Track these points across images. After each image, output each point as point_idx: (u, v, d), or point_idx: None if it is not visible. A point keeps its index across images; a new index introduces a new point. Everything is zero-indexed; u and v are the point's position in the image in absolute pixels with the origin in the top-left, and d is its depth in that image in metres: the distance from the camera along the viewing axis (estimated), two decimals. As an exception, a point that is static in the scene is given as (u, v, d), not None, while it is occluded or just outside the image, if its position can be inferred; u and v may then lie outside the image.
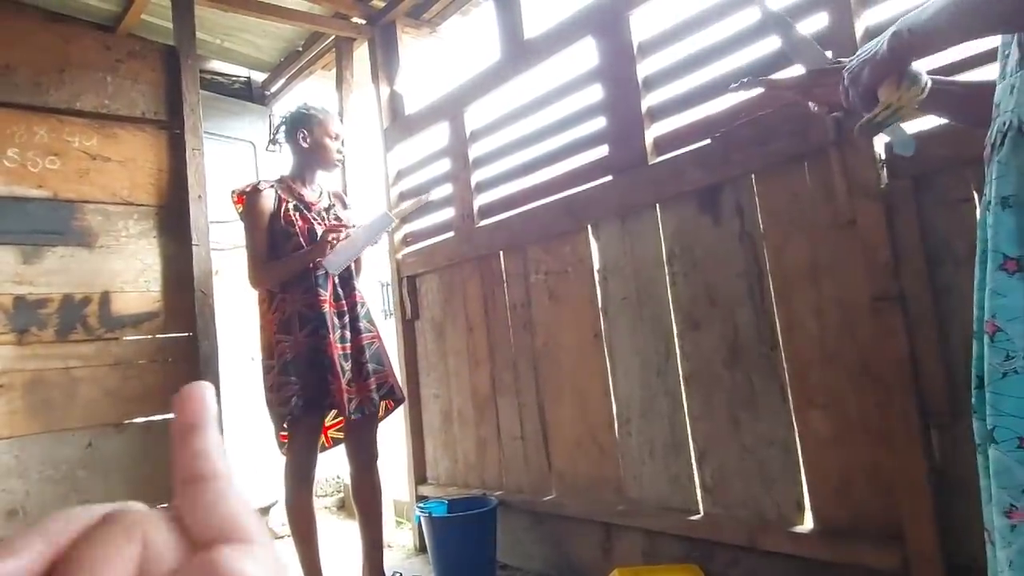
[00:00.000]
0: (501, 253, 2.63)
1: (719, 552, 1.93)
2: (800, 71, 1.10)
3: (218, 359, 2.66)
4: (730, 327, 1.90)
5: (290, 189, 2.36)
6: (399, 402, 2.44)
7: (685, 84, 2.04)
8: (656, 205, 2.08)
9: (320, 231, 2.28)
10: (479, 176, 2.73)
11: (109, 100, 2.57)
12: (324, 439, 2.39)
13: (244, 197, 2.31)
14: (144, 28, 3.21)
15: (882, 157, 1.58)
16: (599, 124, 2.26)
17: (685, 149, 2.01)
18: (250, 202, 2.29)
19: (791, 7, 1.73)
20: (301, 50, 3.78)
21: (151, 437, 2.51)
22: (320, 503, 3.58)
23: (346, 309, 2.31)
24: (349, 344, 2.29)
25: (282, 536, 3.26)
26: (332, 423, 2.41)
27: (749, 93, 1.60)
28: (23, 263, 2.34)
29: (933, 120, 1.46)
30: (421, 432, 3.04)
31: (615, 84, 2.19)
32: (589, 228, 2.29)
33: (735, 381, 1.90)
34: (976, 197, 1.45)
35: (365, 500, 2.32)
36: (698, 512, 1.99)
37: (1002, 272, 0.81)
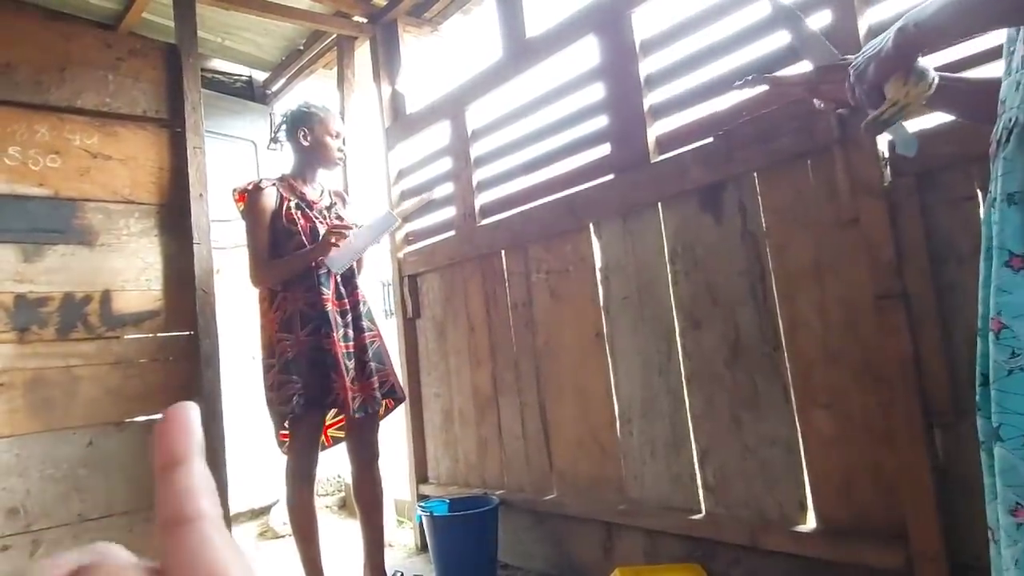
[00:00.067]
0: (503, 252, 2.62)
1: (721, 551, 1.92)
2: (806, 66, 1.09)
3: (219, 358, 2.66)
4: (732, 326, 1.90)
5: (292, 187, 2.35)
6: (400, 401, 2.44)
7: (687, 82, 2.03)
8: (658, 204, 2.08)
9: (322, 230, 2.28)
10: (480, 175, 2.73)
11: (110, 98, 2.57)
12: (324, 438, 2.39)
13: (245, 195, 2.31)
14: (145, 27, 3.22)
15: (885, 155, 1.58)
16: (601, 123, 2.26)
17: (687, 147, 2.00)
18: (251, 200, 2.28)
19: (795, 4, 1.73)
20: (302, 49, 3.78)
21: (152, 436, 2.50)
22: (321, 502, 3.58)
23: (348, 308, 2.31)
24: (352, 343, 2.28)
25: (283, 535, 3.26)
26: (332, 422, 2.41)
27: (753, 91, 1.60)
28: (24, 261, 2.34)
29: (936, 118, 1.46)
30: (422, 431, 3.04)
31: (617, 82, 2.18)
32: (591, 227, 2.29)
33: (737, 380, 1.89)
34: (980, 195, 1.44)
35: (366, 499, 2.32)
36: (700, 511, 1.99)
37: (1008, 269, 0.80)
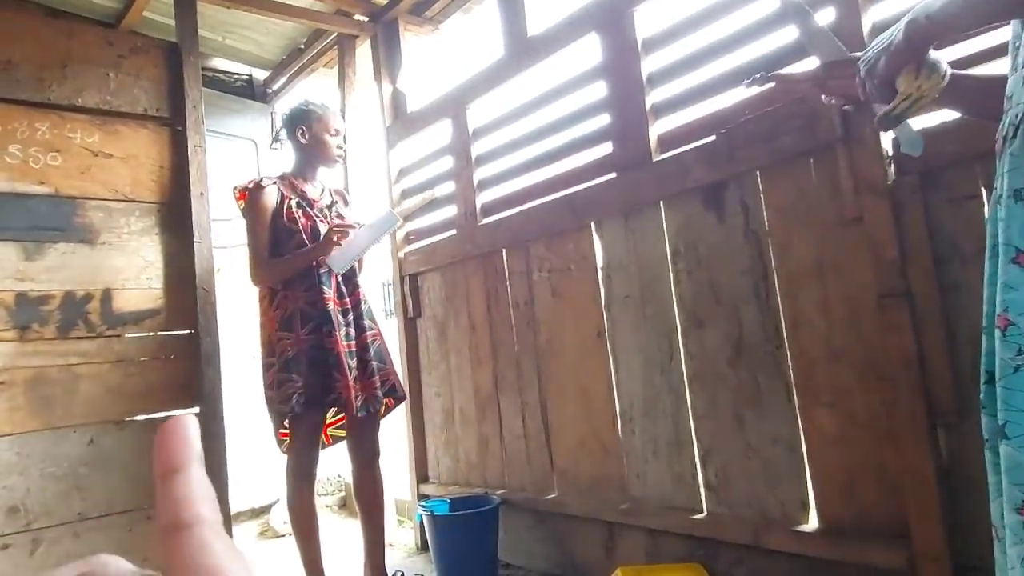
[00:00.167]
0: (504, 251, 2.62)
1: (723, 551, 1.92)
2: (812, 63, 1.09)
3: (220, 357, 2.66)
4: (735, 325, 1.89)
5: (292, 186, 2.35)
6: (400, 400, 2.44)
7: (689, 81, 2.03)
8: (660, 203, 2.07)
9: (323, 228, 2.28)
10: (482, 174, 2.73)
11: (111, 96, 2.57)
12: (324, 437, 2.39)
13: (246, 193, 2.30)
14: (146, 25, 3.21)
15: (889, 153, 1.57)
16: (603, 121, 2.25)
17: (689, 146, 2.00)
18: (252, 198, 2.28)
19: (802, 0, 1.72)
20: (303, 48, 3.78)
21: (152, 434, 2.48)
22: (321, 502, 3.57)
23: (350, 307, 2.31)
24: (354, 342, 2.28)
25: (284, 535, 3.26)
26: (332, 421, 2.41)
27: (756, 89, 1.59)
28: (25, 260, 2.34)
29: (940, 116, 1.45)
30: (423, 431, 3.04)
31: (619, 81, 2.18)
32: (592, 226, 2.28)
33: (740, 379, 1.89)
34: (984, 193, 1.43)
35: (367, 498, 2.32)
36: (702, 511, 1.98)
37: (1015, 265, 0.80)
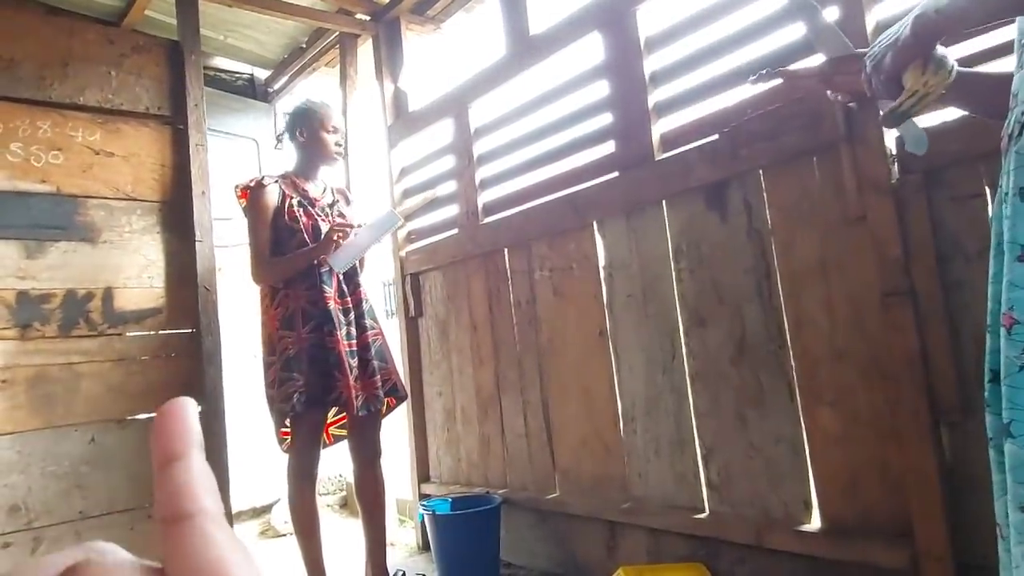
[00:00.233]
0: (506, 250, 2.62)
1: (725, 550, 1.91)
2: (820, 59, 1.08)
3: (221, 355, 2.66)
4: (737, 324, 1.89)
5: (294, 185, 2.35)
6: (402, 399, 2.43)
7: (692, 80, 2.02)
8: (662, 202, 2.07)
9: (324, 227, 2.28)
10: (483, 173, 2.72)
11: (113, 95, 2.57)
12: (325, 436, 2.38)
13: (248, 192, 2.30)
14: (147, 24, 3.21)
15: (893, 152, 1.57)
16: (605, 120, 2.25)
17: (692, 145, 1.99)
18: (254, 197, 2.28)
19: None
20: (305, 47, 3.77)
21: (149, 433, 2.50)
22: (323, 501, 3.57)
23: (351, 306, 2.30)
24: (355, 341, 2.28)
25: (285, 534, 3.26)
26: (333, 420, 2.40)
27: (759, 87, 1.59)
28: (26, 258, 2.34)
29: (943, 115, 1.45)
30: (424, 430, 3.03)
31: (621, 80, 2.18)
32: (594, 225, 2.28)
33: (742, 378, 1.88)
34: (988, 192, 1.43)
35: (368, 498, 2.31)
36: (704, 510, 1.98)
37: (1020, 264, 0.79)
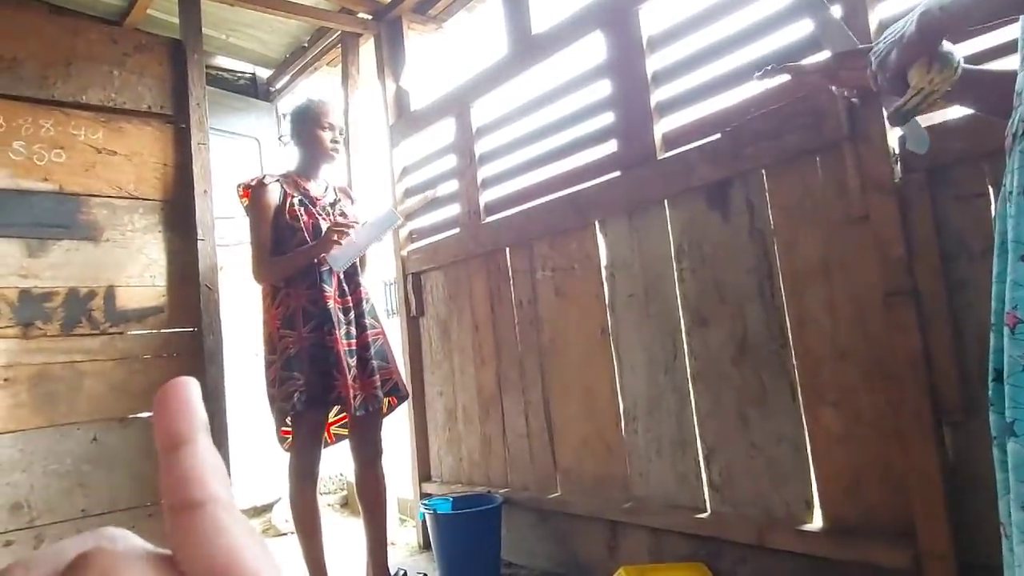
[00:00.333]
0: (507, 250, 2.61)
1: (727, 550, 1.91)
2: (825, 56, 1.07)
3: (223, 354, 2.66)
4: (739, 324, 1.89)
5: (296, 184, 2.35)
6: (403, 399, 2.43)
7: (694, 79, 2.02)
8: (664, 201, 2.07)
9: (325, 226, 2.28)
10: (485, 172, 2.72)
11: (115, 94, 2.57)
12: (327, 435, 2.38)
13: (250, 191, 2.30)
14: (149, 23, 3.21)
15: (896, 151, 1.56)
16: (607, 119, 2.25)
17: (694, 144, 1.99)
18: (255, 196, 2.28)
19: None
20: (307, 46, 3.78)
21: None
22: (324, 500, 3.57)
23: (351, 305, 2.30)
24: (355, 340, 2.28)
25: (286, 533, 3.26)
26: (335, 419, 2.40)
27: (761, 86, 1.58)
28: (28, 256, 2.34)
29: (946, 113, 1.45)
30: (425, 429, 3.03)
31: (624, 79, 2.17)
32: (596, 224, 2.28)
33: (744, 378, 1.88)
34: (991, 191, 1.43)
35: (369, 497, 2.31)
36: (705, 510, 1.98)
37: (1023, 264, 0.79)
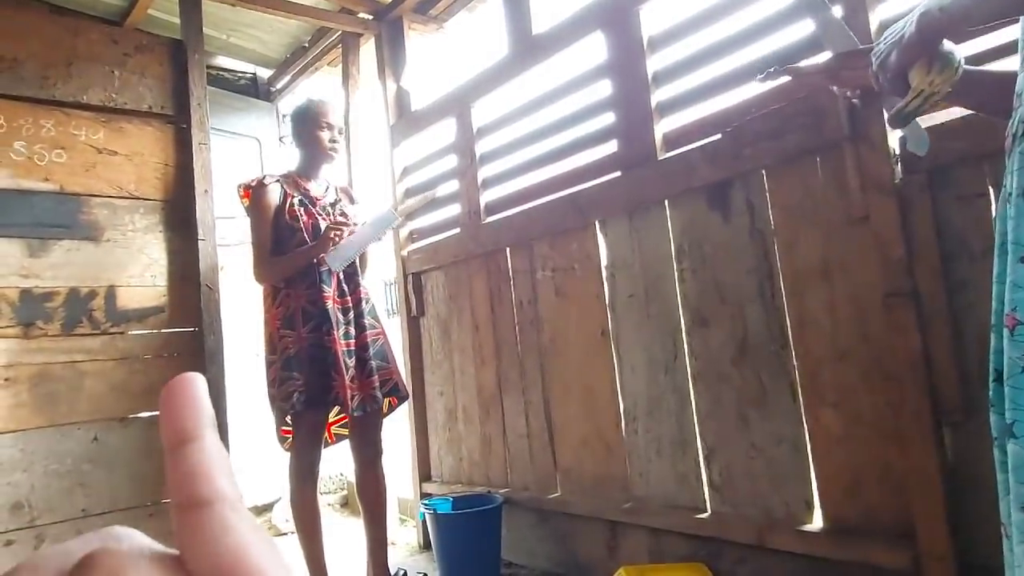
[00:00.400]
0: (508, 250, 2.62)
1: (727, 550, 1.91)
2: (827, 56, 1.07)
3: (223, 354, 2.66)
4: (739, 324, 1.89)
5: (296, 184, 2.35)
6: (403, 399, 2.43)
7: (695, 79, 2.02)
8: (665, 201, 2.07)
9: (324, 226, 2.28)
10: (486, 172, 2.72)
11: (116, 94, 2.57)
12: (328, 435, 2.38)
13: (250, 191, 2.31)
14: (150, 23, 3.21)
15: (896, 152, 1.56)
16: (608, 119, 2.25)
17: (695, 144, 1.99)
18: (255, 196, 2.28)
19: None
20: (307, 46, 3.78)
21: (156, 432, 2.48)
22: (324, 500, 3.57)
23: (351, 305, 2.30)
24: (353, 340, 2.28)
25: (286, 533, 3.26)
26: (335, 419, 2.40)
27: (762, 86, 1.58)
28: (29, 256, 2.34)
29: (947, 114, 1.45)
30: (425, 429, 3.03)
31: (624, 79, 2.17)
32: (597, 224, 2.28)
33: (744, 379, 1.88)
34: (992, 191, 1.43)
35: (369, 497, 2.31)
36: (705, 510, 1.98)
37: (1022, 265, 0.79)
